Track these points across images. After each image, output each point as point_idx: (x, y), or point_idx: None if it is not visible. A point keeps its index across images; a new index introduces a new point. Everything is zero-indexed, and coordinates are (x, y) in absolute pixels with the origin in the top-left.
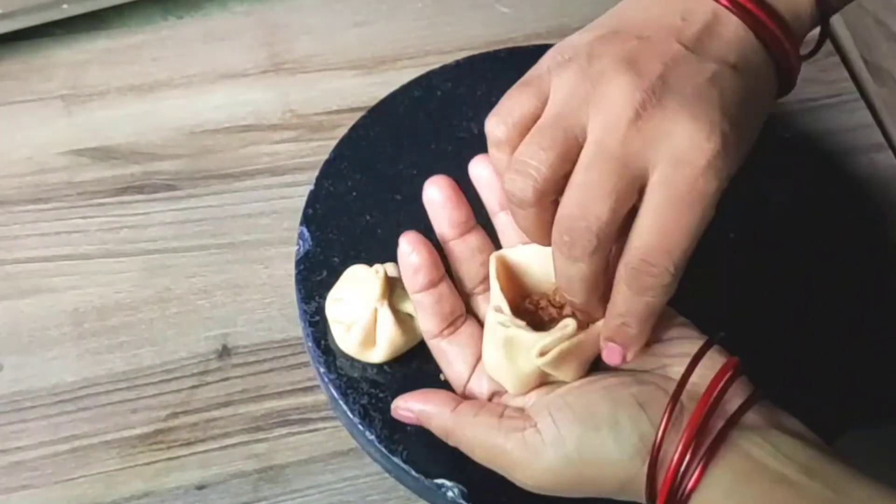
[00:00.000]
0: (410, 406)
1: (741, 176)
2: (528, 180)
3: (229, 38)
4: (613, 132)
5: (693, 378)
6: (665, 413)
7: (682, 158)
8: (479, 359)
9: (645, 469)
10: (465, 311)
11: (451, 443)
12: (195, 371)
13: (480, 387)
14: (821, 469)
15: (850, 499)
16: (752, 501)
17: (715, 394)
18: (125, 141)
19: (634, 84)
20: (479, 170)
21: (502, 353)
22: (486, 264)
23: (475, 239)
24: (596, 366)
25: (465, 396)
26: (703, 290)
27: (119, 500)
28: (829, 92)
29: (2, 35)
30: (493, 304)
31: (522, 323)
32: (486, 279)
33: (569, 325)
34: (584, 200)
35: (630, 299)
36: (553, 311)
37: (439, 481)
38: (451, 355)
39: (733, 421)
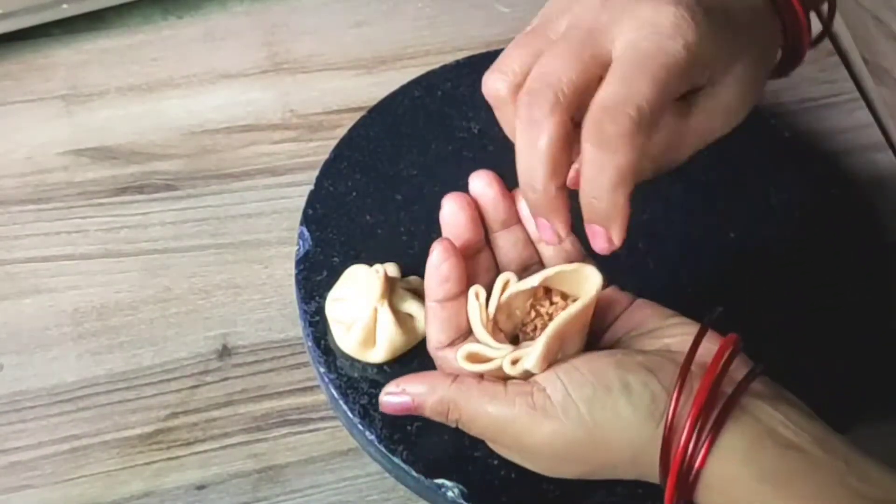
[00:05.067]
0: (405, 387)
1: (741, 175)
2: (501, 76)
3: (229, 38)
4: (584, 14)
5: (697, 352)
6: (680, 374)
7: (646, 22)
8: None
9: (659, 432)
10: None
11: (452, 419)
12: (195, 371)
13: None
14: (830, 441)
15: (863, 473)
16: (768, 467)
17: (724, 359)
18: (125, 141)
19: None
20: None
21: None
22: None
23: (484, 258)
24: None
25: None
26: (703, 290)
27: (119, 500)
28: (829, 92)
29: (2, 35)
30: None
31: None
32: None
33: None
34: (548, 63)
35: (594, 159)
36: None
37: (439, 481)
38: (455, 368)
39: (742, 388)
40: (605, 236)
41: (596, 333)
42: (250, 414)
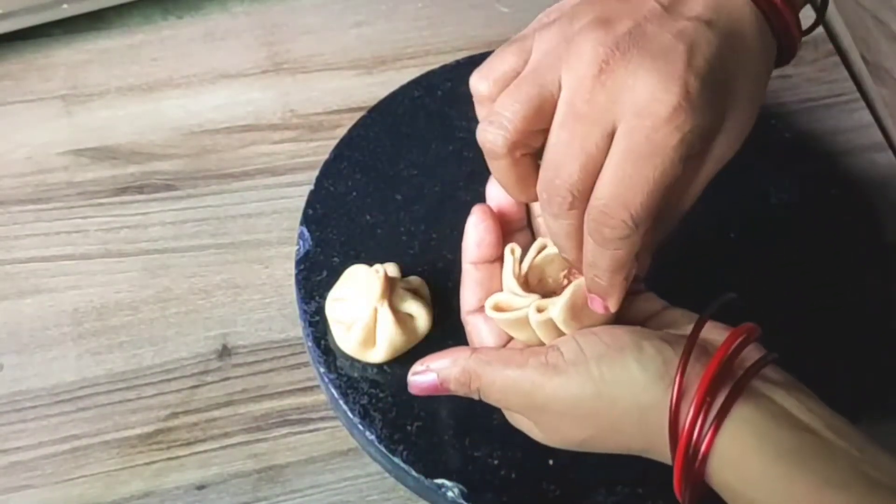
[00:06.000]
0: (429, 364)
1: (741, 175)
2: (499, 131)
3: (229, 38)
4: (579, 90)
5: (712, 336)
6: (688, 341)
7: (641, 111)
8: (510, 339)
9: (667, 399)
10: None
11: (473, 388)
12: (195, 371)
13: None
14: (843, 429)
15: (876, 462)
16: (783, 445)
17: (740, 338)
18: (125, 141)
19: (600, 40)
20: (495, 191)
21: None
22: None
23: (522, 237)
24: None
25: None
26: (703, 290)
27: (119, 500)
28: (829, 92)
29: (2, 35)
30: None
31: (518, 290)
32: None
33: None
34: (557, 160)
35: (595, 251)
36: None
37: (439, 481)
38: (483, 333)
39: (755, 367)
40: (602, 304)
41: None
42: (250, 414)
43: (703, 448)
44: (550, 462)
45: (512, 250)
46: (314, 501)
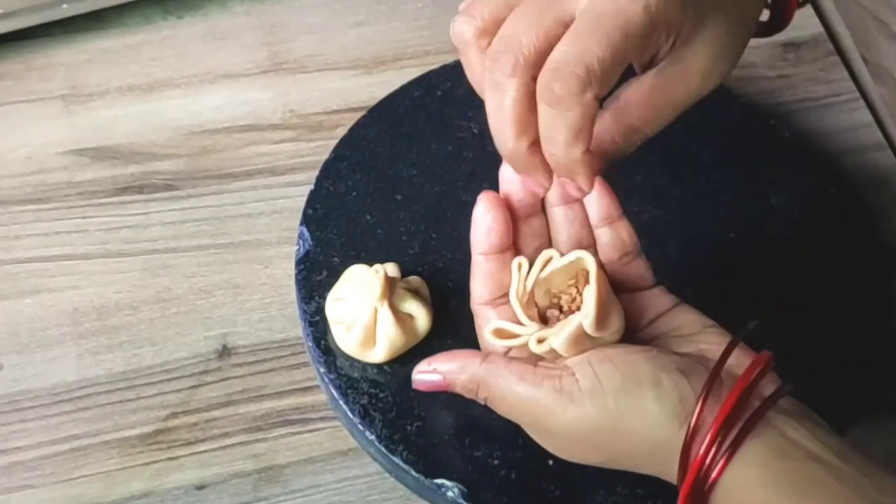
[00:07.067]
0: (437, 366)
1: (741, 175)
2: (468, 19)
3: (229, 38)
4: None
5: (729, 361)
6: (707, 382)
7: None
8: None
9: (681, 434)
10: None
11: (481, 397)
12: (195, 371)
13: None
14: (853, 456)
15: (882, 486)
16: (789, 476)
17: (755, 373)
18: (125, 141)
19: None
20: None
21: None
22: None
23: (537, 222)
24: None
25: None
26: (703, 290)
27: (119, 500)
28: (829, 92)
29: (2, 35)
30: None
31: (522, 315)
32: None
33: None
34: (512, 27)
35: (547, 119)
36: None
37: (439, 481)
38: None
39: (770, 402)
40: (574, 186)
41: (634, 329)
42: (250, 414)
43: (711, 478)
44: (550, 462)
45: (519, 265)
46: (314, 501)
